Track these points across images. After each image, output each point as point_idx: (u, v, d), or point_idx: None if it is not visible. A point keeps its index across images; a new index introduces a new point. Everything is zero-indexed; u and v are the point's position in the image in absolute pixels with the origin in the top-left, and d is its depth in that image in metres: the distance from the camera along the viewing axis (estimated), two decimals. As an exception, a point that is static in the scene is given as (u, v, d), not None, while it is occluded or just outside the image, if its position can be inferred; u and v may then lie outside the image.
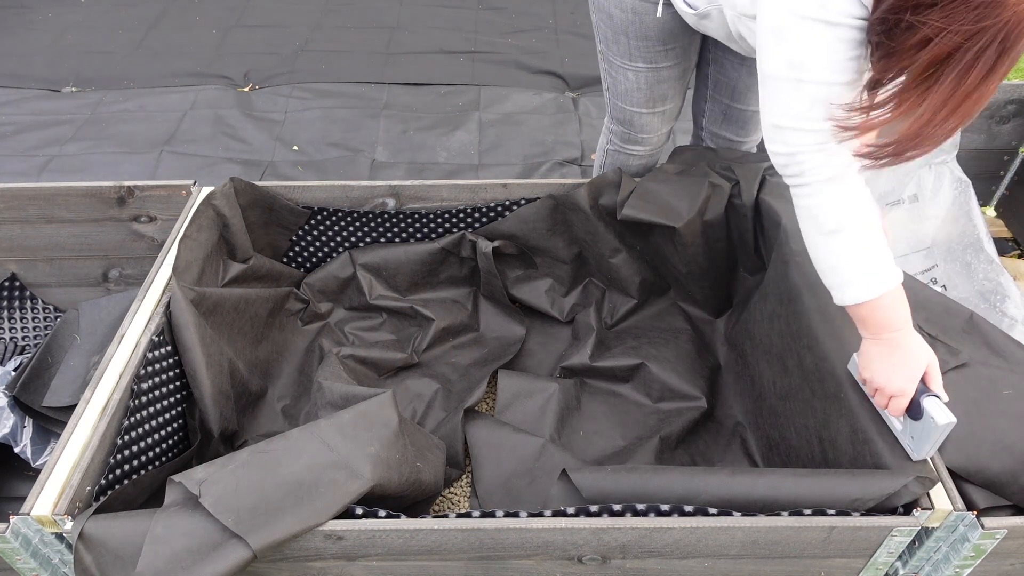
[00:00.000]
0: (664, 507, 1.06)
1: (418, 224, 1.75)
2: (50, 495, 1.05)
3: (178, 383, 1.36)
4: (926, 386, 1.07)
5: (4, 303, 1.80)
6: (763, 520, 1.04)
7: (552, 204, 1.70)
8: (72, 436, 1.13)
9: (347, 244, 1.80)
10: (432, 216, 1.73)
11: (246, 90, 3.01)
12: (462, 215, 1.73)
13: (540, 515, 1.07)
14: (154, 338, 1.30)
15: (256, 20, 3.52)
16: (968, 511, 1.05)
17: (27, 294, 1.83)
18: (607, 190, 1.65)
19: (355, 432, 1.13)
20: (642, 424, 1.61)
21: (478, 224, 1.75)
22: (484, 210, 1.72)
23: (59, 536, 1.06)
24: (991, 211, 2.26)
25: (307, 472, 1.05)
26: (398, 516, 1.08)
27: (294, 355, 1.73)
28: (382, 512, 1.07)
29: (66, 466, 1.09)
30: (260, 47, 3.28)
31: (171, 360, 1.35)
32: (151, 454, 1.27)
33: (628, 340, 1.73)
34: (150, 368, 1.27)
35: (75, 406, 1.18)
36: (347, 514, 1.06)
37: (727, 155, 1.70)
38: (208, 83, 3.03)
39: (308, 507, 1.03)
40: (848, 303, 1.10)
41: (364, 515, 1.07)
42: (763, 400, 1.53)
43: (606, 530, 1.05)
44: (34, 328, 1.82)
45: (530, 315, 1.85)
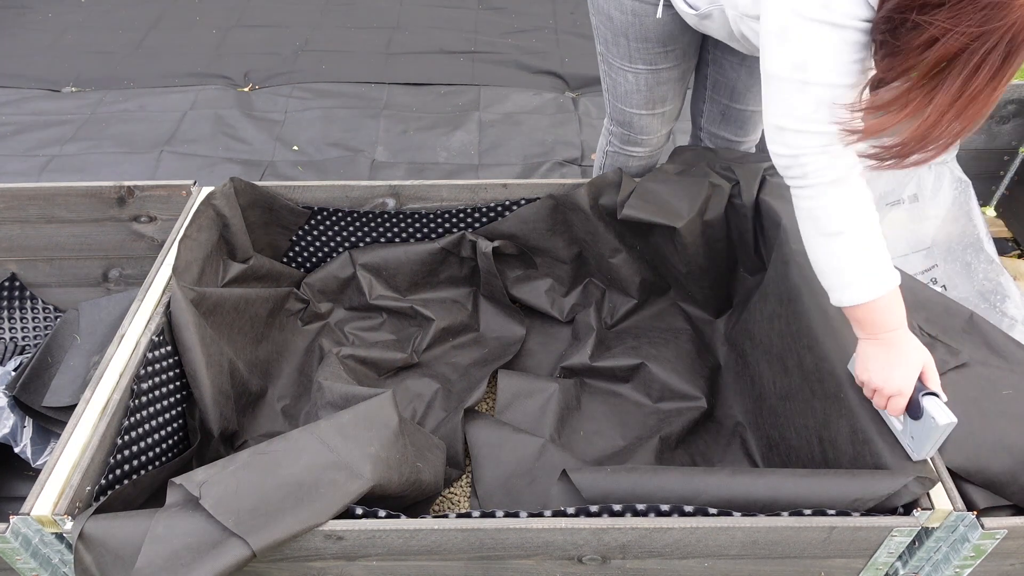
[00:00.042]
0: (664, 507, 1.06)
1: (418, 224, 1.75)
2: (50, 495, 1.05)
3: (178, 383, 1.36)
4: (924, 385, 1.07)
5: (4, 303, 1.80)
6: (763, 520, 1.04)
7: (552, 204, 1.70)
8: (72, 436, 1.13)
9: (347, 244, 1.80)
10: (432, 216, 1.73)
11: (246, 90, 3.01)
12: (462, 215, 1.73)
13: (540, 515, 1.07)
14: (154, 338, 1.30)
15: (256, 20, 3.52)
16: (968, 511, 1.05)
17: (27, 294, 1.83)
18: (607, 190, 1.65)
19: (355, 432, 1.13)
20: (642, 424, 1.61)
21: (478, 224, 1.75)
22: (484, 210, 1.72)
23: (59, 536, 1.06)
24: (991, 211, 2.26)
25: (307, 473, 1.05)
26: (398, 516, 1.08)
27: (294, 355, 1.74)
28: (382, 512, 1.07)
29: (66, 466, 1.09)
30: (260, 47, 3.28)
31: (171, 360, 1.35)
32: (151, 454, 1.27)
33: (628, 340, 1.73)
34: (150, 368, 1.27)
35: (75, 406, 1.18)
36: (347, 514, 1.06)
37: (727, 155, 1.70)
38: (208, 83, 3.03)
39: (308, 507, 1.03)
40: (847, 304, 1.10)
41: (364, 515, 1.07)
42: (763, 400, 1.53)
43: (606, 530, 1.05)
44: (34, 328, 1.82)
45: (530, 315, 1.85)
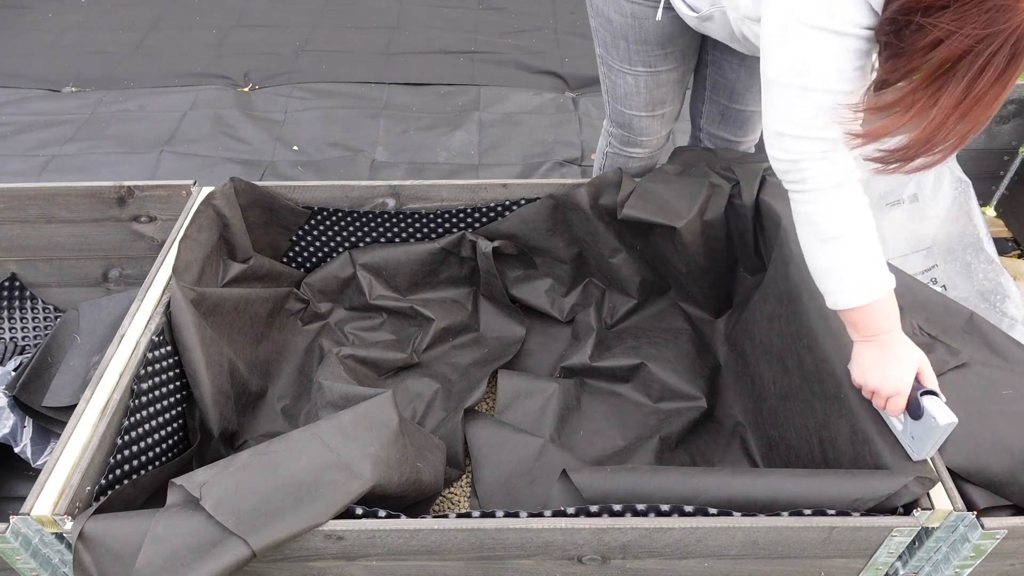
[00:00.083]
0: (664, 507, 1.06)
1: (418, 224, 1.75)
2: (50, 495, 1.05)
3: (178, 383, 1.36)
4: (922, 384, 1.07)
5: (4, 303, 1.80)
6: (763, 520, 1.04)
7: (552, 204, 1.70)
8: (72, 436, 1.13)
9: (347, 244, 1.80)
10: (432, 216, 1.73)
11: (246, 90, 3.01)
12: (462, 215, 1.73)
13: (540, 515, 1.07)
14: (154, 338, 1.30)
15: (256, 20, 3.52)
16: (968, 511, 1.05)
17: (27, 294, 1.83)
18: (607, 190, 1.65)
19: (355, 432, 1.13)
20: (642, 424, 1.61)
21: (478, 224, 1.75)
22: (484, 210, 1.72)
23: (59, 536, 1.06)
24: (991, 211, 2.26)
25: (307, 473, 1.05)
26: (398, 516, 1.08)
27: (294, 355, 1.74)
28: (382, 512, 1.07)
29: (66, 466, 1.09)
30: (260, 47, 3.28)
31: (171, 360, 1.35)
32: (151, 454, 1.27)
33: (628, 340, 1.73)
34: (150, 368, 1.27)
35: (75, 406, 1.18)
36: (347, 514, 1.06)
37: (727, 155, 1.70)
38: (208, 83, 3.03)
39: (308, 508, 1.03)
40: (843, 307, 1.11)
41: (364, 515, 1.07)
42: (763, 400, 1.53)
43: (606, 530, 1.05)
44: (34, 328, 1.82)
45: (530, 315, 1.85)
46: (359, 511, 1.07)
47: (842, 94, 1.01)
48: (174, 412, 1.35)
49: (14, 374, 1.50)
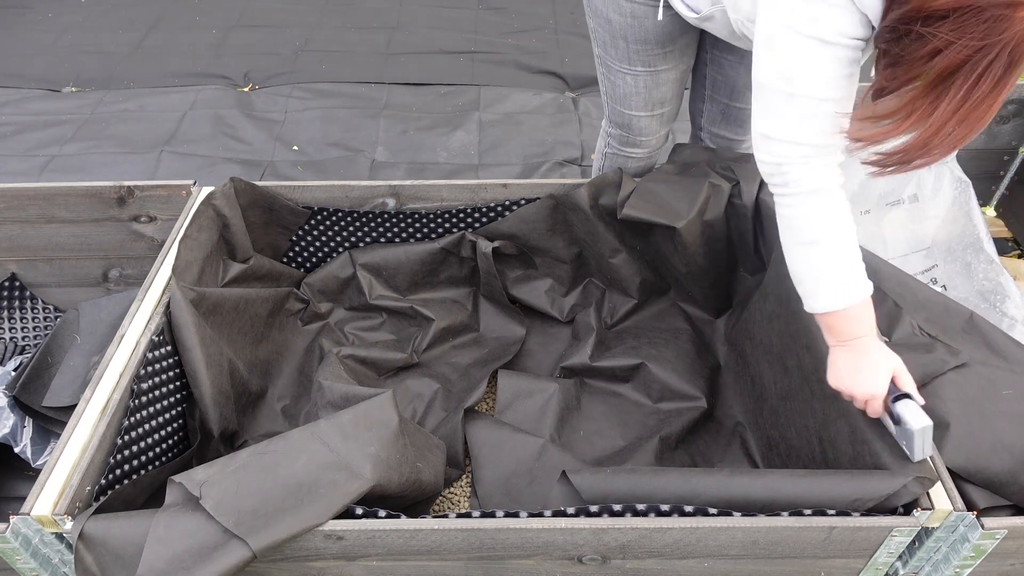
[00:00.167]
0: (664, 507, 1.06)
1: (418, 224, 1.75)
2: (50, 495, 1.05)
3: (178, 383, 1.37)
4: (897, 388, 1.08)
5: (4, 303, 1.80)
6: (763, 520, 1.04)
7: (552, 204, 1.70)
8: (72, 436, 1.13)
9: (347, 244, 1.80)
10: (432, 216, 1.73)
11: (246, 90, 3.01)
12: (462, 215, 1.73)
13: (540, 515, 1.07)
14: (154, 338, 1.30)
15: (256, 20, 3.52)
16: (968, 511, 1.05)
17: (27, 294, 1.83)
18: (607, 190, 1.65)
19: (355, 432, 1.13)
20: (642, 424, 1.61)
21: (478, 224, 1.75)
22: (484, 210, 1.72)
23: (59, 536, 1.06)
24: (991, 211, 2.26)
25: (307, 473, 1.05)
26: (398, 516, 1.08)
27: (294, 355, 1.74)
28: (382, 512, 1.07)
29: (66, 466, 1.09)
30: (260, 47, 3.28)
31: (171, 360, 1.35)
32: (151, 454, 1.27)
33: (628, 340, 1.73)
34: (150, 368, 1.27)
35: (75, 406, 1.18)
36: (347, 514, 1.06)
37: (726, 155, 1.70)
38: (208, 83, 3.03)
39: (308, 508, 1.03)
40: (819, 311, 1.13)
41: (364, 515, 1.07)
42: (763, 400, 1.53)
43: (606, 530, 1.05)
44: (34, 328, 1.82)
45: (530, 315, 1.85)
46: (359, 511, 1.07)
47: (829, 101, 1.03)
48: (174, 412, 1.35)
49: (14, 374, 1.50)
